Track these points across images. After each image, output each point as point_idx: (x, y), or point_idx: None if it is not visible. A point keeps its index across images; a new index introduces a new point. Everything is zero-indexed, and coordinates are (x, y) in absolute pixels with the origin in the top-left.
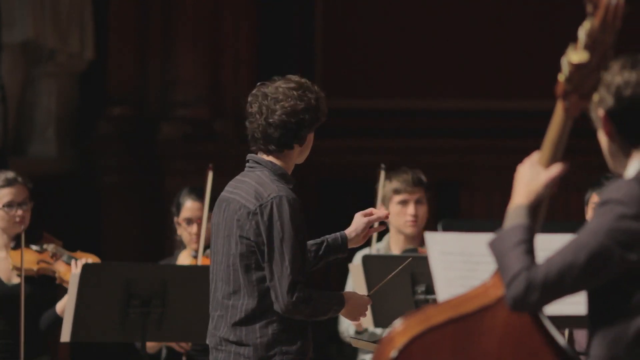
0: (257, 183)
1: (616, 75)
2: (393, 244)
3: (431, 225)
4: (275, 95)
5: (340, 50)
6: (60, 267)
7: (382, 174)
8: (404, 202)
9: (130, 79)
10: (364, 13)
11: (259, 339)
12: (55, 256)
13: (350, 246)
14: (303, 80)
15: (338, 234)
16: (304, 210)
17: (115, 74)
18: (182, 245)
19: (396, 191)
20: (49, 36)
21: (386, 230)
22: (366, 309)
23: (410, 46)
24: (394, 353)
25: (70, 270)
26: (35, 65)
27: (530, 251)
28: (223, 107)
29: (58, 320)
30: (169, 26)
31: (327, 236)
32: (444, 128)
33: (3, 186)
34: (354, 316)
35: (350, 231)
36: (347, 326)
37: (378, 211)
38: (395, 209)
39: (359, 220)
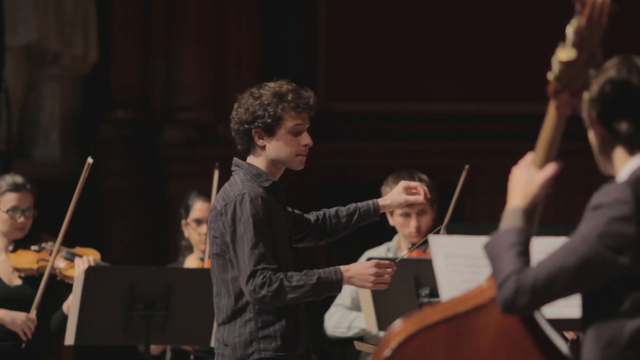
0: (229, 185)
1: (611, 78)
2: (403, 243)
3: (433, 229)
4: (239, 100)
5: (343, 54)
6: (60, 264)
7: (464, 174)
8: (406, 215)
9: (133, 83)
10: (367, 17)
11: (237, 338)
12: (52, 254)
13: (384, 211)
14: (269, 83)
15: (371, 203)
16: (309, 211)
17: (118, 77)
18: (187, 252)
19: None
20: (52, 39)
21: (396, 231)
22: (374, 274)
23: (413, 49)
24: (387, 352)
25: (72, 265)
26: (39, 69)
27: (523, 254)
28: (226, 110)
29: (67, 320)
30: (173, 29)
31: (359, 205)
32: (446, 131)
33: (10, 190)
34: (365, 284)
35: (385, 201)
36: (333, 324)
37: (420, 191)
38: (398, 220)
39: (399, 192)
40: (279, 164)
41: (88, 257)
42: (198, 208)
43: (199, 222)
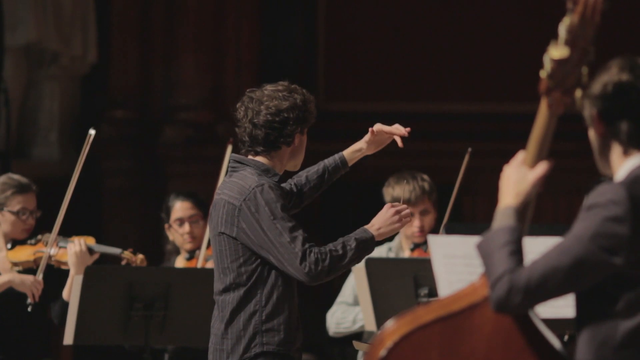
0: (239, 179)
1: (614, 77)
2: (404, 243)
3: (434, 229)
4: (260, 98)
5: (342, 54)
6: (54, 251)
7: (467, 157)
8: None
9: (132, 82)
10: (366, 17)
11: (242, 332)
12: (49, 243)
13: (363, 155)
14: (292, 85)
15: (337, 157)
16: (308, 213)
17: (118, 77)
18: (173, 256)
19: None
20: (51, 39)
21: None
22: (396, 213)
23: (411, 49)
24: (383, 352)
25: (66, 253)
26: (38, 68)
27: (515, 252)
28: (225, 110)
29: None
30: (172, 29)
31: (325, 162)
32: (445, 131)
33: (18, 192)
34: (395, 226)
35: (353, 148)
36: (336, 322)
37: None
38: None
39: (368, 138)
40: (289, 165)
41: (79, 240)
42: (178, 208)
43: (181, 222)
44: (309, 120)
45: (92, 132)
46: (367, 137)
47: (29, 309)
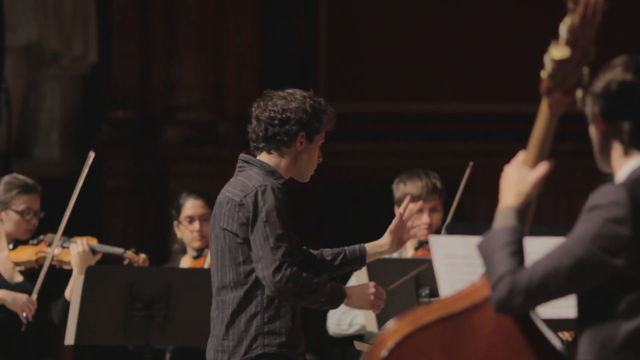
0: (245, 178)
1: (618, 75)
2: (408, 243)
3: (437, 229)
4: (272, 96)
5: (343, 54)
6: (57, 251)
7: (468, 171)
8: (418, 211)
9: (133, 82)
10: (368, 17)
11: (243, 333)
12: (51, 243)
13: (382, 256)
14: (313, 95)
15: (357, 246)
16: (308, 214)
17: (118, 77)
18: (179, 255)
19: (410, 198)
20: (52, 39)
21: None
22: (374, 295)
23: (413, 49)
24: (384, 352)
25: (68, 251)
26: (39, 69)
27: (516, 253)
28: (226, 110)
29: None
30: (173, 29)
31: (346, 248)
32: (447, 131)
33: (23, 192)
34: (364, 304)
35: (375, 244)
36: (335, 322)
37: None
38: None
39: (390, 239)
40: (293, 172)
41: (82, 241)
42: (189, 206)
43: (191, 219)
44: (314, 127)
45: (92, 154)
46: (392, 225)
47: (22, 329)
